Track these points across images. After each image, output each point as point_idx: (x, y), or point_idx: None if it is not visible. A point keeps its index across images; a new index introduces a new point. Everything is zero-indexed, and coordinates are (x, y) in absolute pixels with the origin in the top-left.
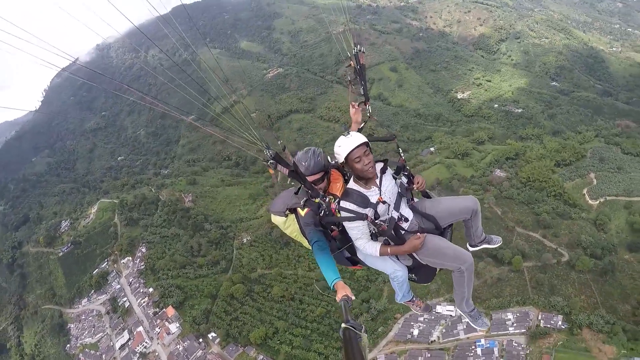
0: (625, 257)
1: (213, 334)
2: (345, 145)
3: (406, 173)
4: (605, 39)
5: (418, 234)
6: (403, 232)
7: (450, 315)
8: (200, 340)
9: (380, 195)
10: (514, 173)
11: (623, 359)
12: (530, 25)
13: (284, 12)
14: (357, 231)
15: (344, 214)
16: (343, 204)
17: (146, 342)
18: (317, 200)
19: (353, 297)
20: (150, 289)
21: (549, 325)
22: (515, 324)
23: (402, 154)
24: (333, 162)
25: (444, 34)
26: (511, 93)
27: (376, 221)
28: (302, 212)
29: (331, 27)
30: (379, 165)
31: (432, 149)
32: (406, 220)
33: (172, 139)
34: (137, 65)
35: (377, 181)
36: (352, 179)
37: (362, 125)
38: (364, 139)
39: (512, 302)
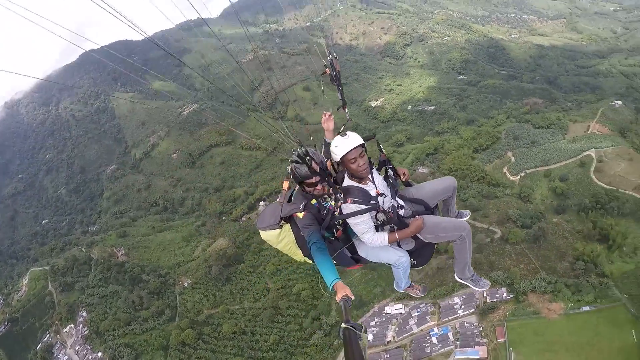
0: (554, 220)
1: None
2: (343, 146)
3: (390, 167)
4: (504, 29)
5: (417, 216)
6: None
7: (400, 313)
8: None
9: (377, 188)
10: (436, 167)
11: (572, 312)
12: (432, 27)
13: (193, 47)
14: (364, 225)
15: (351, 209)
16: (348, 200)
17: None
18: (330, 198)
19: (353, 297)
20: (99, 354)
21: (495, 300)
22: (463, 306)
23: (382, 151)
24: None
25: (352, 47)
26: (422, 93)
27: (386, 209)
28: (300, 215)
29: (240, 57)
30: None
31: None
32: (401, 207)
33: (96, 193)
34: (50, 120)
35: (370, 177)
36: (346, 177)
37: (342, 128)
38: (361, 141)
39: (455, 286)
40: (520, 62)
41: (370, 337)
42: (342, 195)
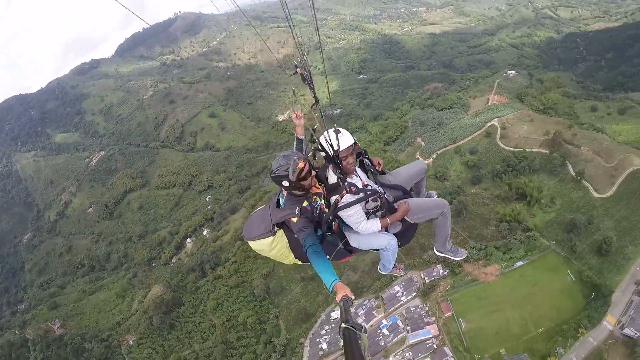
0: (472, 191)
1: None
2: (340, 144)
3: (367, 157)
4: (396, 24)
5: (400, 200)
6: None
7: None
8: None
9: (362, 181)
10: None
11: (507, 270)
12: (327, 33)
13: (91, 91)
14: (357, 216)
15: (349, 199)
16: (344, 192)
17: None
18: (320, 197)
19: (353, 297)
20: None
21: (433, 278)
22: (405, 293)
23: (357, 143)
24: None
25: (251, 66)
26: (327, 98)
27: (380, 195)
28: (294, 220)
29: (140, 93)
30: None
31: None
32: (384, 194)
33: (16, 267)
34: None
35: (355, 171)
36: (331, 172)
37: (316, 126)
38: (353, 140)
39: (392, 277)
40: (416, 53)
41: (324, 345)
42: (346, 186)
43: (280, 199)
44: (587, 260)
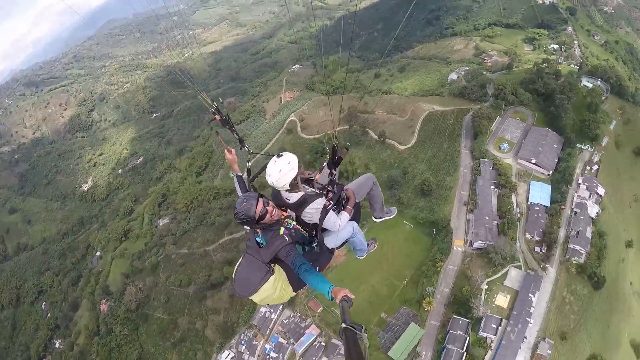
0: None
1: None
2: (294, 159)
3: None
4: (176, 52)
5: (344, 189)
6: None
7: (232, 357)
8: None
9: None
10: (173, 210)
11: None
12: (108, 80)
13: None
14: (333, 216)
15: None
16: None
17: None
18: (290, 219)
19: (353, 296)
20: None
21: None
22: (272, 310)
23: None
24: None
25: (38, 140)
26: (126, 149)
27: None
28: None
29: None
30: None
31: (98, 253)
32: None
33: None
34: None
35: None
36: (287, 194)
37: (248, 164)
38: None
39: (253, 303)
40: (202, 74)
41: None
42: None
43: (257, 238)
44: (416, 205)
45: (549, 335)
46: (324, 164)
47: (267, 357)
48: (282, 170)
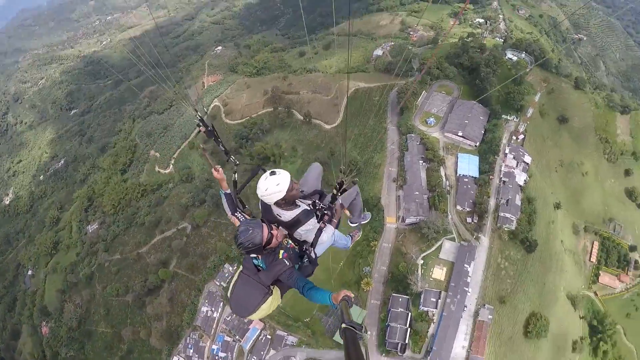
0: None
1: None
2: (284, 181)
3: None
4: (94, 40)
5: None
6: None
7: None
8: None
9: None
10: (101, 214)
11: None
12: (21, 78)
13: None
14: (329, 229)
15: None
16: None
17: None
18: (286, 239)
19: (352, 295)
20: None
21: (227, 279)
22: (213, 308)
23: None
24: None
25: None
26: (47, 152)
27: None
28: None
29: None
30: None
31: (30, 272)
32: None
33: None
34: None
35: None
36: (279, 211)
37: (234, 176)
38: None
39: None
40: (123, 63)
41: None
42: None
43: (256, 261)
44: None
45: (488, 302)
46: (328, 196)
47: (216, 357)
48: (268, 190)
